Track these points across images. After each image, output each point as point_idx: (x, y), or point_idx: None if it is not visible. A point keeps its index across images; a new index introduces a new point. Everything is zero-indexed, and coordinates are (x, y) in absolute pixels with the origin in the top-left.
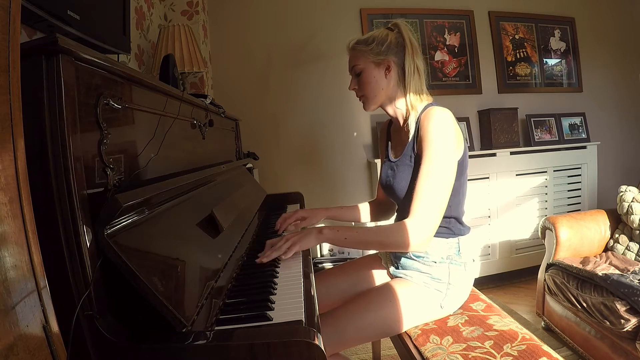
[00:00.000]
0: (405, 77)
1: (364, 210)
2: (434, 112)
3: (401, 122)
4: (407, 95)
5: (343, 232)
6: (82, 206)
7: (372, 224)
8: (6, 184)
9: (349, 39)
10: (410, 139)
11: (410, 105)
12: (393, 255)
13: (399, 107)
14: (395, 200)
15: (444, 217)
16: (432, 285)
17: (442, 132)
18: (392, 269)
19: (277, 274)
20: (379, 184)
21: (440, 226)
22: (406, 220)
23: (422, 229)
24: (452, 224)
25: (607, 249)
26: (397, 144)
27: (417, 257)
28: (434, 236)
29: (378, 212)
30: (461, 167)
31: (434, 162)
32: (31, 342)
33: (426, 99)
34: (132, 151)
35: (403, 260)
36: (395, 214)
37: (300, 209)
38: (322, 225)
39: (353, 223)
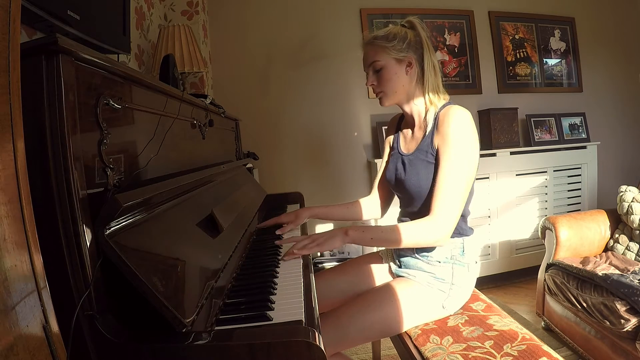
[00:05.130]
0: (424, 74)
1: (360, 208)
2: (455, 110)
3: (417, 118)
4: (426, 92)
5: (368, 232)
6: (82, 206)
7: (372, 222)
8: (6, 184)
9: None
10: (427, 134)
11: (429, 101)
12: (396, 254)
13: (416, 104)
14: (402, 194)
15: None
16: (435, 285)
17: (465, 130)
18: (394, 267)
19: (277, 274)
20: (380, 180)
21: None
22: (428, 218)
23: (444, 226)
24: (458, 223)
25: (607, 249)
26: (410, 138)
27: (421, 256)
28: None
29: (373, 208)
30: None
31: (456, 160)
32: (31, 342)
33: (444, 97)
34: (132, 151)
35: (406, 259)
36: (400, 209)
37: (284, 213)
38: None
39: (351, 223)
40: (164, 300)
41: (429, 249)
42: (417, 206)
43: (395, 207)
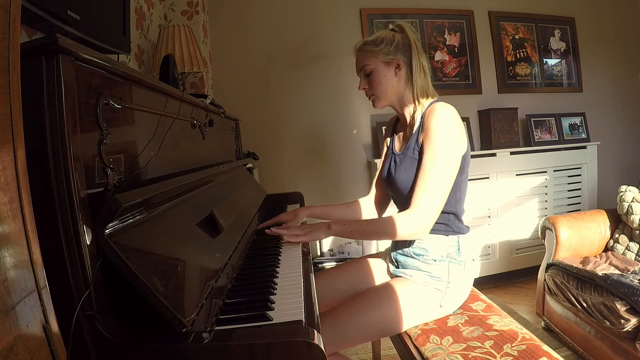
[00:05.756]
0: (412, 75)
1: (359, 208)
2: (438, 107)
3: (408, 118)
4: (415, 92)
5: (349, 225)
6: (82, 206)
7: None
8: (6, 184)
9: (355, 40)
10: (414, 133)
11: (418, 101)
12: (393, 254)
13: (407, 105)
14: (394, 192)
15: (443, 212)
16: (431, 284)
17: (446, 126)
18: (392, 268)
19: (277, 274)
20: (377, 179)
21: (439, 223)
22: (407, 211)
23: (422, 219)
24: (450, 221)
25: (607, 249)
26: (402, 138)
27: (417, 255)
28: (434, 234)
29: (370, 208)
30: (462, 164)
31: (436, 155)
32: (31, 342)
33: (432, 97)
34: (132, 151)
35: (403, 259)
36: (396, 208)
37: (282, 213)
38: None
39: None
40: (163, 300)
41: (424, 248)
42: (408, 203)
43: (393, 206)
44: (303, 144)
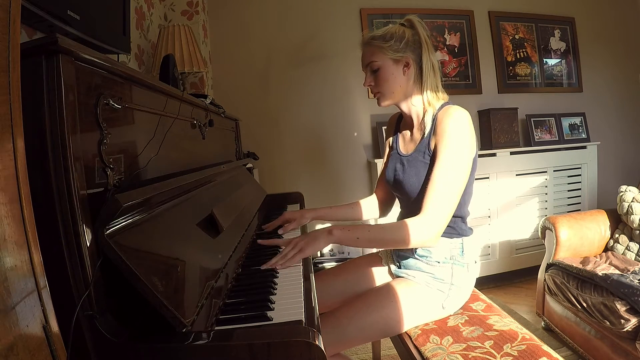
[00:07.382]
0: (422, 74)
1: (361, 208)
2: (453, 110)
3: (415, 119)
4: (424, 92)
5: (354, 231)
6: (82, 206)
7: (372, 222)
8: (6, 184)
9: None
10: (425, 136)
11: (428, 102)
12: (395, 254)
13: (414, 104)
14: (401, 195)
15: None
16: (434, 285)
17: (461, 130)
18: (394, 268)
19: (277, 274)
20: (380, 179)
21: None
22: (418, 217)
23: (434, 226)
24: (456, 224)
25: (607, 249)
26: (409, 139)
27: (420, 256)
28: None
29: (374, 208)
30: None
31: (450, 160)
32: (31, 342)
33: (442, 97)
34: (132, 151)
35: (406, 260)
36: (400, 210)
37: (287, 211)
38: (329, 225)
39: (350, 223)
40: (163, 300)
41: (428, 250)
42: (417, 207)
43: (396, 207)
44: (303, 144)
